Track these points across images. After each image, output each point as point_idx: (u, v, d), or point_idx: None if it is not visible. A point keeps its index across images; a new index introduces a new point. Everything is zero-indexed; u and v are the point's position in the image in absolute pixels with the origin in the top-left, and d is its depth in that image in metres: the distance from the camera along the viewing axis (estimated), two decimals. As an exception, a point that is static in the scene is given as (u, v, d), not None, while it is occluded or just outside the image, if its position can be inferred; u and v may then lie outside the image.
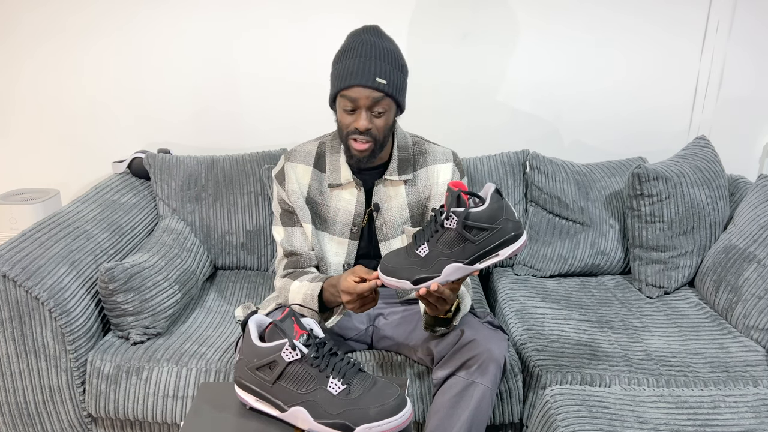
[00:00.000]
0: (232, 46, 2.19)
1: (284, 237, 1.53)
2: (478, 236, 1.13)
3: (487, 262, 1.15)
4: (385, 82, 1.34)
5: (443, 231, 1.16)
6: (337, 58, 1.40)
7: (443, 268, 1.16)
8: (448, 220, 1.14)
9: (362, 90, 1.33)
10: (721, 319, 1.72)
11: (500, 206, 1.14)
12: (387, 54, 1.37)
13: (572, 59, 2.19)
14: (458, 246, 1.15)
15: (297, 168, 1.51)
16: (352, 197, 1.49)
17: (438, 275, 1.17)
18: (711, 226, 1.88)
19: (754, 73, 2.19)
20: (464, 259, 1.15)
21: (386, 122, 1.39)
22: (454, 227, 1.14)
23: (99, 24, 2.17)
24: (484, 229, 1.13)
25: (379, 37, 1.39)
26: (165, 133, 2.29)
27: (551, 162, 2.02)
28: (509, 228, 1.14)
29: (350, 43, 1.39)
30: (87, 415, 1.60)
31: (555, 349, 1.56)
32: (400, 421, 1.04)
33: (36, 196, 2.22)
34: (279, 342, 1.07)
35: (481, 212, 1.13)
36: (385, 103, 1.36)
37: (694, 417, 1.22)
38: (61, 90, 2.25)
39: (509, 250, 1.14)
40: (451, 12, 2.14)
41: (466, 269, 1.16)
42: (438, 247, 1.16)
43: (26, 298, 1.49)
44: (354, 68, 1.34)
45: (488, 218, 1.13)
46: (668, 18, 2.13)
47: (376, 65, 1.34)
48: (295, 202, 1.50)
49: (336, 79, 1.38)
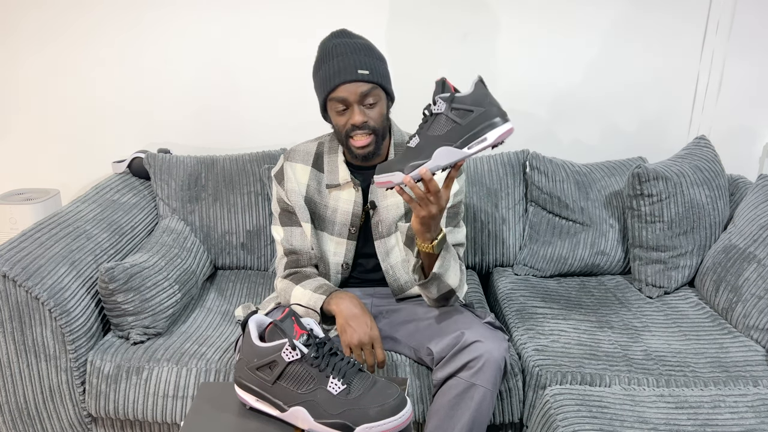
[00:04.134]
0: (232, 46, 2.18)
1: (284, 236, 1.53)
2: (464, 118, 1.16)
3: (476, 146, 1.17)
4: (367, 72, 1.36)
5: (432, 118, 1.19)
6: (316, 68, 1.42)
7: (433, 153, 1.18)
8: (435, 105, 1.18)
9: (348, 86, 1.36)
10: (721, 319, 1.72)
11: (484, 93, 1.18)
12: (361, 48, 1.39)
13: (572, 59, 2.19)
14: (447, 129, 1.18)
15: (296, 167, 1.52)
16: (350, 197, 1.49)
17: (429, 160, 1.19)
18: (711, 226, 1.88)
19: (754, 73, 2.19)
20: (453, 142, 1.18)
21: (380, 111, 1.41)
22: (442, 111, 1.18)
23: (100, 25, 2.17)
24: (470, 110, 1.16)
25: (349, 36, 1.43)
26: (165, 133, 2.29)
27: (551, 162, 2.02)
28: (494, 112, 1.17)
29: (323, 51, 1.41)
30: (87, 415, 1.60)
31: (555, 349, 1.56)
32: (400, 421, 1.04)
33: (36, 196, 2.22)
34: (279, 342, 1.07)
35: (465, 96, 1.17)
36: (374, 94, 1.38)
37: (694, 417, 1.22)
38: (62, 90, 2.25)
39: (495, 134, 1.16)
40: (452, 12, 2.14)
41: (456, 152, 1.18)
42: (428, 135, 1.19)
43: (26, 298, 1.49)
44: (334, 69, 1.36)
45: (473, 101, 1.17)
46: (668, 18, 2.13)
47: (354, 60, 1.37)
48: (294, 201, 1.51)
49: (320, 87, 1.40)
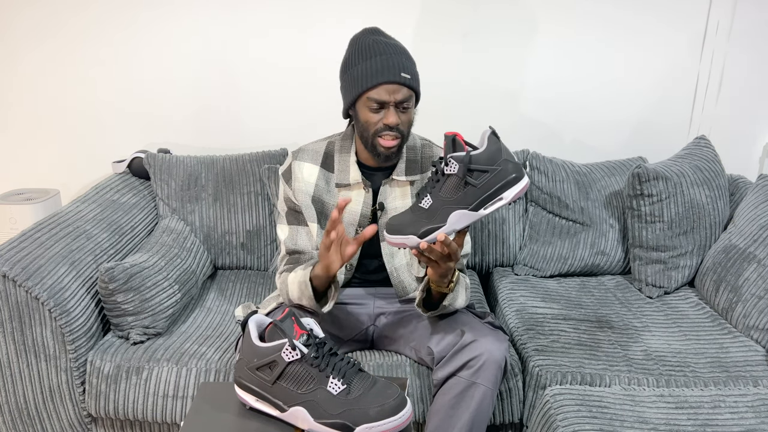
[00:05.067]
0: (232, 45, 2.18)
1: (288, 236, 1.52)
2: (479, 179, 1.11)
3: (492, 206, 1.12)
4: (409, 76, 1.36)
5: (444, 179, 1.14)
6: (351, 63, 1.39)
7: (448, 216, 1.13)
8: (448, 166, 1.13)
9: (390, 87, 1.35)
10: (721, 319, 1.72)
11: (498, 148, 1.12)
12: (401, 50, 1.39)
13: (573, 59, 2.19)
14: (461, 192, 1.12)
15: (304, 167, 1.51)
16: (359, 197, 1.49)
17: (443, 224, 1.13)
18: (711, 226, 1.88)
19: (754, 73, 2.19)
20: (468, 205, 1.12)
21: (410, 117, 1.42)
22: (455, 172, 1.12)
23: (100, 24, 2.17)
24: (485, 171, 1.11)
25: (385, 36, 1.42)
26: (165, 133, 2.29)
27: (551, 162, 2.02)
28: (510, 169, 1.11)
29: (361, 46, 1.38)
30: (87, 415, 1.60)
31: (555, 349, 1.56)
32: (400, 421, 1.04)
33: (36, 196, 2.22)
34: (279, 342, 1.07)
35: (479, 154, 1.11)
36: (410, 99, 1.38)
37: (694, 417, 1.22)
38: (61, 90, 2.25)
39: (512, 192, 1.11)
40: (452, 11, 2.14)
41: (472, 215, 1.13)
42: (441, 197, 1.14)
43: (26, 298, 1.49)
44: (377, 67, 1.34)
45: (487, 159, 1.11)
46: (668, 18, 2.13)
47: (397, 61, 1.35)
48: (302, 201, 1.50)
49: (356, 83, 1.37)
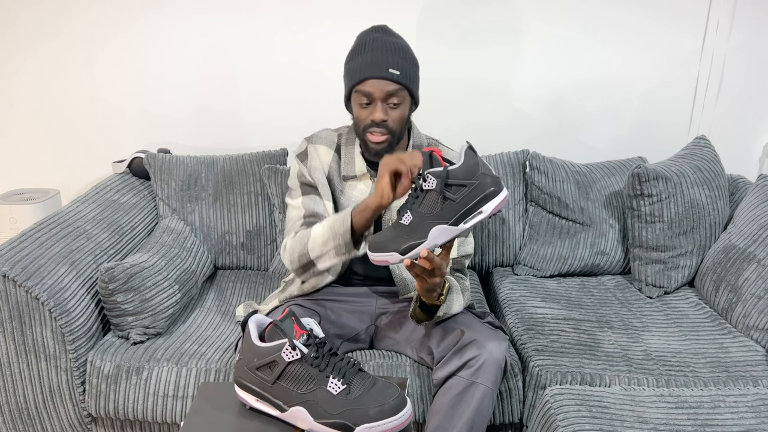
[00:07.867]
0: (232, 45, 2.18)
1: (303, 200, 1.49)
2: (458, 194, 1.12)
3: (472, 220, 1.13)
4: (398, 72, 1.37)
5: (423, 194, 1.15)
6: (349, 57, 1.43)
7: (428, 231, 1.14)
8: (426, 182, 1.14)
9: (376, 82, 1.36)
10: (721, 319, 1.72)
11: (476, 162, 1.13)
12: (398, 48, 1.40)
13: (573, 59, 2.19)
14: (440, 207, 1.13)
15: (319, 149, 1.52)
16: (366, 188, 1.50)
17: (424, 240, 1.14)
18: (711, 226, 1.88)
19: (754, 72, 2.19)
20: (448, 220, 1.13)
21: (401, 114, 1.41)
22: (433, 187, 1.13)
23: (100, 24, 2.17)
24: (463, 185, 1.12)
25: (388, 34, 1.44)
26: (165, 133, 2.29)
27: (551, 162, 2.02)
28: (488, 182, 1.12)
29: (361, 42, 1.42)
30: (87, 415, 1.60)
31: (555, 349, 1.56)
32: (400, 421, 1.04)
33: (36, 196, 2.22)
34: (279, 342, 1.07)
35: (457, 169, 1.12)
36: (400, 95, 1.39)
37: (694, 417, 1.22)
38: (62, 90, 2.25)
39: (492, 205, 1.12)
40: (452, 11, 2.14)
41: (452, 230, 1.14)
42: (421, 212, 1.15)
43: (26, 298, 1.49)
44: (366, 62, 1.37)
45: (465, 174, 1.12)
46: (668, 18, 2.13)
47: (388, 58, 1.37)
48: (317, 178, 1.50)
49: (349, 76, 1.41)
